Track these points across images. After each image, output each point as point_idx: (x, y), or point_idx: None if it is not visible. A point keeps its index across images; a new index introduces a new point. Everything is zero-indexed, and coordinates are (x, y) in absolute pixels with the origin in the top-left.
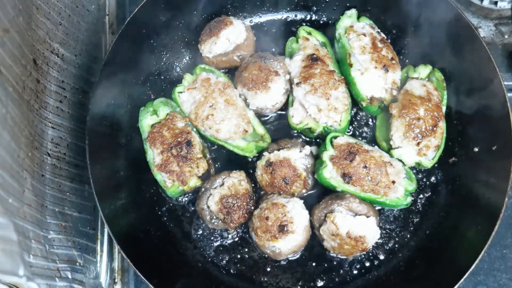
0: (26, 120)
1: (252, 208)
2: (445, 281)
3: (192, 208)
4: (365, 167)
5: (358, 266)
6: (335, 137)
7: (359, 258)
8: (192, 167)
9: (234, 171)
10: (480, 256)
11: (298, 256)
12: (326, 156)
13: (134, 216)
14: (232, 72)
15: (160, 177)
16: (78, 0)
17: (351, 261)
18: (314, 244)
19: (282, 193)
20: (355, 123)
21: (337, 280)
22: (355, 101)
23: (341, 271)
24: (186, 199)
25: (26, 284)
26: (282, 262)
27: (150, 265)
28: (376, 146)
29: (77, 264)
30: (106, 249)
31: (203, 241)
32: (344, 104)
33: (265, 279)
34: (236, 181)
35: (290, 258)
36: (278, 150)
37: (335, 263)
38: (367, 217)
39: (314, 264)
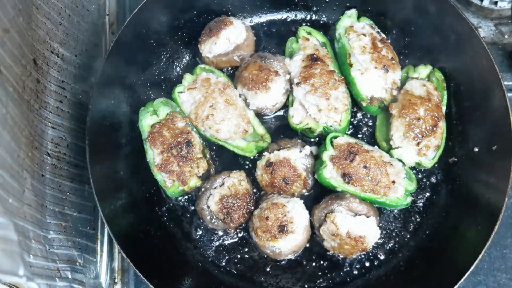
0: (26, 120)
1: (252, 208)
2: (445, 281)
3: (192, 208)
4: (365, 167)
5: (358, 266)
6: (335, 137)
7: (359, 258)
8: (192, 167)
9: (234, 171)
10: (480, 256)
11: (298, 256)
12: (326, 156)
13: (134, 216)
14: (232, 72)
15: (160, 177)
16: (78, 0)
17: (351, 261)
18: (314, 244)
19: (282, 193)
20: (355, 123)
21: (337, 280)
22: (355, 101)
23: (341, 271)
24: (186, 199)
25: (26, 284)
26: (282, 262)
27: (150, 265)
28: (376, 146)
29: (77, 264)
30: (106, 249)
31: (203, 241)
32: (344, 104)
33: (265, 279)
34: (236, 181)
35: (290, 258)
36: (278, 150)
37: (335, 263)
38: (367, 217)
39: (314, 264)
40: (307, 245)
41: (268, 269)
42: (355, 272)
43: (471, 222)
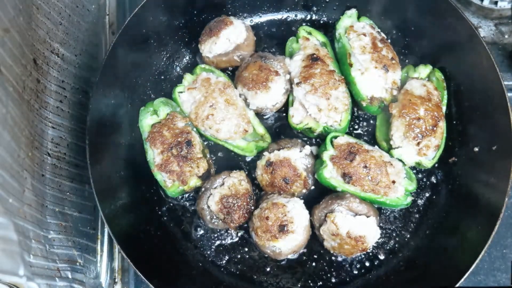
0: (26, 120)
1: (252, 208)
2: (445, 281)
3: (192, 208)
4: (365, 167)
5: (358, 266)
6: (335, 137)
7: (359, 258)
8: (192, 167)
9: (234, 171)
10: (480, 256)
11: (298, 256)
12: (326, 156)
13: (134, 216)
14: (232, 72)
15: (160, 177)
16: (78, 0)
17: (351, 261)
18: (314, 244)
19: (282, 193)
20: (355, 123)
21: (337, 280)
22: (355, 101)
23: (341, 271)
24: (186, 199)
25: (26, 284)
26: (282, 262)
27: (150, 265)
28: (376, 146)
29: (77, 264)
30: (106, 249)
31: (203, 241)
32: (344, 104)
33: (265, 279)
34: (236, 181)
35: (290, 258)
36: (278, 150)
37: (335, 263)
38: (367, 217)
39: (314, 264)
40: (307, 245)
41: (268, 269)
42: (355, 272)
43: (471, 222)
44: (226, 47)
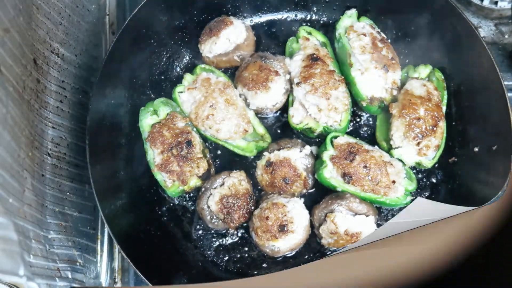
0: (27, 120)
1: (252, 208)
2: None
3: (192, 208)
4: (365, 167)
5: None
6: (335, 137)
7: None
8: (192, 167)
9: (234, 171)
10: None
11: (294, 252)
12: (326, 156)
13: (134, 216)
14: (232, 72)
15: (160, 177)
16: (78, 0)
17: None
18: (310, 240)
19: (282, 193)
20: (355, 123)
21: None
22: (355, 101)
23: None
24: (186, 199)
25: (26, 284)
26: (278, 259)
27: (150, 265)
28: (376, 146)
29: (77, 264)
30: (106, 249)
31: (203, 241)
32: (344, 104)
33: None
34: (236, 181)
35: (287, 255)
36: (278, 150)
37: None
38: (367, 216)
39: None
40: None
41: (264, 265)
42: None
43: None
44: (226, 47)
